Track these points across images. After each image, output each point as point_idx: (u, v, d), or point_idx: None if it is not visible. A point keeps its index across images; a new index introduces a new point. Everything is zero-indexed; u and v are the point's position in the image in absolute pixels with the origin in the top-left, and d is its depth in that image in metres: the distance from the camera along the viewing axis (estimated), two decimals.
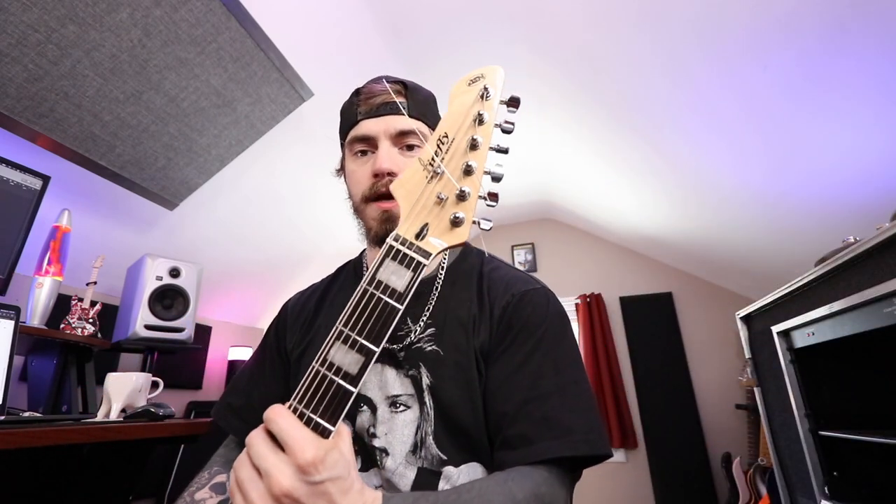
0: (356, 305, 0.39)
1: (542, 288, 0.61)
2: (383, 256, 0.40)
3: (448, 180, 0.42)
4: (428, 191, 0.43)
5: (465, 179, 0.42)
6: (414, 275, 0.40)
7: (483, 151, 0.43)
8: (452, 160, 0.43)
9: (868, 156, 1.53)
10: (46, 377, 1.31)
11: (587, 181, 2.78)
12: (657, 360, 3.08)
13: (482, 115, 0.43)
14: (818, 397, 1.34)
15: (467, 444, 0.53)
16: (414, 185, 0.43)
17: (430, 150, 0.43)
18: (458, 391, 0.54)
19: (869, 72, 1.28)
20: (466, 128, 0.44)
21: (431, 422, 0.55)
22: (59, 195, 1.46)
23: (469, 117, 0.44)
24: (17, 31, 1.08)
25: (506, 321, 0.57)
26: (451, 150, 0.43)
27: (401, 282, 0.39)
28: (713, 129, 1.77)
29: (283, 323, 0.72)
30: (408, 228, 0.42)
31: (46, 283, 1.31)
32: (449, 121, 0.44)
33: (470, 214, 0.42)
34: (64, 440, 0.88)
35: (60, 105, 1.24)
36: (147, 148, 1.47)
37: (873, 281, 1.00)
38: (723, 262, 2.79)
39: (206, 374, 2.37)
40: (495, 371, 0.54)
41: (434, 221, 0.42)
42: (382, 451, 0.55)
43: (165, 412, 1.18)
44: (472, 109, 0.44)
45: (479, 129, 0.43)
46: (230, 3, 1.29)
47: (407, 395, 0.56)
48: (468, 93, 0.45)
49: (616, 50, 1.60)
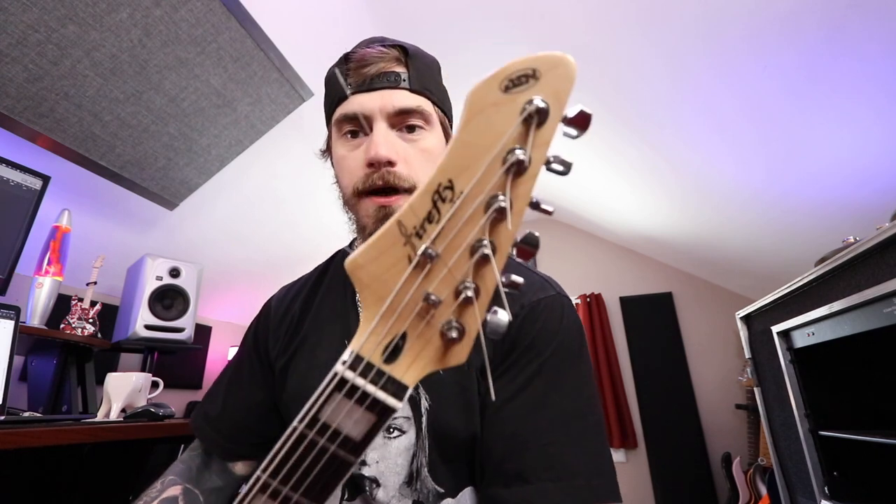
0: (289, 451, 0.26)
1: (557, 295, 0.52)
2: (331, 389, 0.26)
3: (445, 270, 0.26)
4: (410, 284, 0.26)
5: (475, 268, 0.26)
6: (379, 421, 0.26)
7: (517, 219, 0.26)
8: (457, 234, 0.26)
9: (868, 156, 1.53)
10: (46, 377, 1.31)
11: (587, 181, 2.78)
12: (657, 360, 3.08)
13: (523, 157, 0.25)
14: (818, 397, 1.34)
15: (466, 472, 0.48)
16: (384, 268, 0.26)
17: (417, 213, 0.26)
18: (459, 416, 0.47)
19: (869, 72, 1.28)
20: (491, 173, 0.25)
21: (426, 450, 0.48)
22: (60, 195, 1.46)
23: (497, 155, 0.25)
24: (18, 31, 1.08)
25: (511, 337, 0.48)
26: (456, 215, 0.26)
27: (357, 429, 0.26)
28: (713, 129, 1.77)
29: (264, 324, 0.64)
30: (372, 342, 0.26)
31: (46, 283, 1.31)
32: (459, 155, 0.25)
33: (476, 324, 0.26)
34: (64, 440, 0.88)
35: (60, 105, 1.24)
36: (147, 148, 1.48)
37: (873, 281, 1.00)
38: (723, 262, 2.79)
39: (206, 374, 2.37)
40: (494, 395, 0.47)
41: (415, 333, 0.27)
42: (373, 480, 0.48)
43: (165, 412, 1.18)
44: (505, 141, 0.25)
45: (516, 179, 0.25)
46: (230, 3, 1.29)
47: (402, 417, 0.49)
48: (502, 106, 0.25)
49: (616, 50, 1.60)
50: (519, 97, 0.25)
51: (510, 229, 0.26)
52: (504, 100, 0.25)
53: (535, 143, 0.25)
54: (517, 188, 0.26)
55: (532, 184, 0.26)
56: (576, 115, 0.25)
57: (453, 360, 0.27)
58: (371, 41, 0.55)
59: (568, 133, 0.25)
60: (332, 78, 0.55)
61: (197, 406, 0.65)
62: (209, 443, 0.60)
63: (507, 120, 0.25)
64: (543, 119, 0.25)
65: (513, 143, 0.25)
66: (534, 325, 0.48)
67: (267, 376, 0.61)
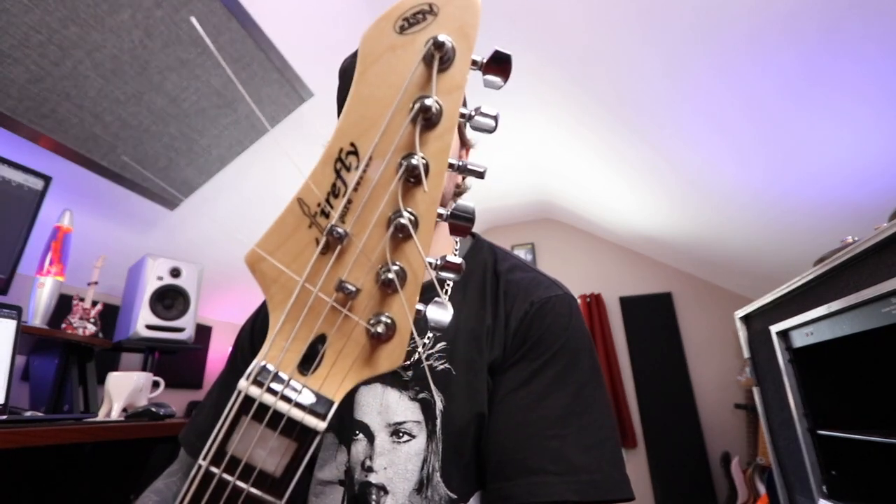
0: (194, 498, 0.21)
1: (566, 295, 0.52)
2: (235, 411, 0.21)
3: (359, 251, 0.22)
4: (318, 272, 0.22)
5: (393, 245, 0.22)
6: (301, 448, 0.21)
7: (436, 181, 0.22)
8: (369, 206, 0.22)
9: (867, 156, 1.53)
10: (48, 377, 1.32)
11: (587, 181, 2.78)
12: (657, 359, 3.09)
13: (430, 103, 0.21)
14: (816, 397, 1.35)
15: (475, 475, 0.47)
16: (291, 257, 0.22)
17: (320, 187, 0.22)
18: (472, 415, 0.46)
19: (868, 72, 1.28)
20: (395, 128, 0.22)
21: (439, 454, 0.46)
22: (61, 195, 1.46)
23: (400, 107, 0.21)
24: (20, 33, 1.08)
25: (521, 333, 0.48)
26: (363, 183, 0.22)
27: (274, 461, 0.21)
28: (713, 129, 1.77)
29: (262, 327, 0.60)
30: (283, 352, 0.22)
31: (48, 283, 1.31)
32: (358, 114, 0.22)
33: (407, 315, 0.22)
34: (65, 440, 0.89)
35: (62, 106, 1.24)
36: (148, 148, 1.48)
37: (871, 281, 1.01)
38: (722, 262, 2.79)
39: (206, 373, 2.38)
40: (498, 388, 0.47)
41: (336, 333, 0.22)
42: (380, 488, 0.46)
43: (166, 412, 1.19)
44: (406, 87, 0.21)
45: (427, 133, 0.22)
46: (231, 4, 1.29)
47: (412, 421, 0.47)
48: (399, 49, 0.21)
49: (616, 50, 1.60)
50: (418, 37, 0.21)
51: (428, 193, 0.21)
52: (401, 41, 0.21)
53: (443, 89, 0.21)
54: (430, 145, 0.21)
55: (449, 138, 0.22)
56: (491, 56, 0.21)
57: (386, 363, 0.22)
58: None
59: (491, 83, 0.22)
60: (346, 70, 0.54)
61: (187, 424, 0.61)
62: (196, 454, 0.56)
63: (407, 64, 0.21)
64: (450, 59, 0.21)
65: (417, 91, 0.21)
66: (543, 322, 0.48)
67: None
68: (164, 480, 0.56)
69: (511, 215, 3.68)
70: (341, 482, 0.48)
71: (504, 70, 0.21)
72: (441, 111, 0.21)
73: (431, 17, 0.21)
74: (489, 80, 0.22)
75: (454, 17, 0.21)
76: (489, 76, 0.22)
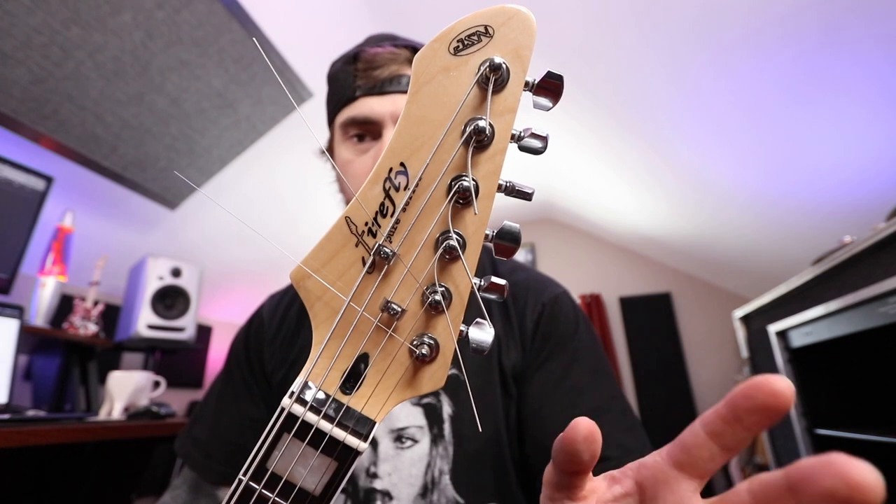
0: None
1: (565, 292, 0.54)
2: (279, 428, 0.21)
3: (405, 272, 0.22)
4: (364, 292, 0.22)
5: (441, 267, 0.22)
6: (341, 467, 0.21)
7: (485, 203, 0.22)
8: (417, 227, 0.22)
9: (864, 157, 1.54)
10: (50, 376, 1.32)
11: (586, 181, 2.79)
12: (656, 359, 3.09)
13: (483, 125, 0.21)
14: (815, 396, 1.35)
15: (490, 482, 0.46)
16: (336, 275, 0.22)
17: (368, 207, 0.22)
18: (483, 418, 0.47)
19: (866, 73, 1.29)
20: (447, 150, 0.21)
21: (449, 458, 0.46)
22: (63, 196, 1.47)
23: (453, 128, 0.21)
24: (22, 34, 1.09)
25: (541, 334, 0.49)
26: (412, 204, 0.22)
27: (314, 479, 0.21)
28: (712, 130, 1.77)
29: (257, 336, 0.60)
30: (326, 370, 0.22)
31: (50, 283, 1.31)
32: (410, 133, 0.22)
33: (451, 337, 0.22)
34: (67, 439, 0.90)
35: (64, 106, 1.25)
36: (149, 149, 1.49)
37: (869, 280, 1.01)
38: (721, 262, 2.80)
39: (207, 373, 2.38)
40: (533, 390, 0.47)
41: (380, 354, 0.22)
42: (385, 494, 0.46)
43: (167, 411, 1.20)
44: (460, 109, 0.21)
45: (478, 155, 0.21)
46: (231, 5, 1.30)
47: (415, 426, 0.48)
48: (453, 71, 0.21)
49: (616, 50, 1.61)
50: (472, 58, 0.21)
51: (477, 215, 0.22)
52: (455, 63, 0.21)
53: (496, 111, 0.21)
54: (481, 166, 0.21)
55: (500, 160, 0.22)
56: (543, 78, 0.21)
57: (428, 384, 0.22)
58: (380, 39, 0.52)
59: (540, 105, 0.21)
60: (338, 76, 0.53)
61: (181, 433, 0.59)
62: (201, 469, 0.54)
63: (461, 85, 0.21)
64: (504, 81, 0.21)
65: (470, 112, 0.21)
66: (558, 320, 0.50)
67: (263, 390, 0.57)
68: (171, 494, 0.56)
69: (511, 215, 3.69)
70: (344, 490, 0.47)
71: (556, 92, 0.21)
72: (494, 133, 0.21)
73: (487, 39, 0.21)
74: (538, 101, 0.21)
75: (510, 39, 0.21)
76: (539, 98, 0.21)
